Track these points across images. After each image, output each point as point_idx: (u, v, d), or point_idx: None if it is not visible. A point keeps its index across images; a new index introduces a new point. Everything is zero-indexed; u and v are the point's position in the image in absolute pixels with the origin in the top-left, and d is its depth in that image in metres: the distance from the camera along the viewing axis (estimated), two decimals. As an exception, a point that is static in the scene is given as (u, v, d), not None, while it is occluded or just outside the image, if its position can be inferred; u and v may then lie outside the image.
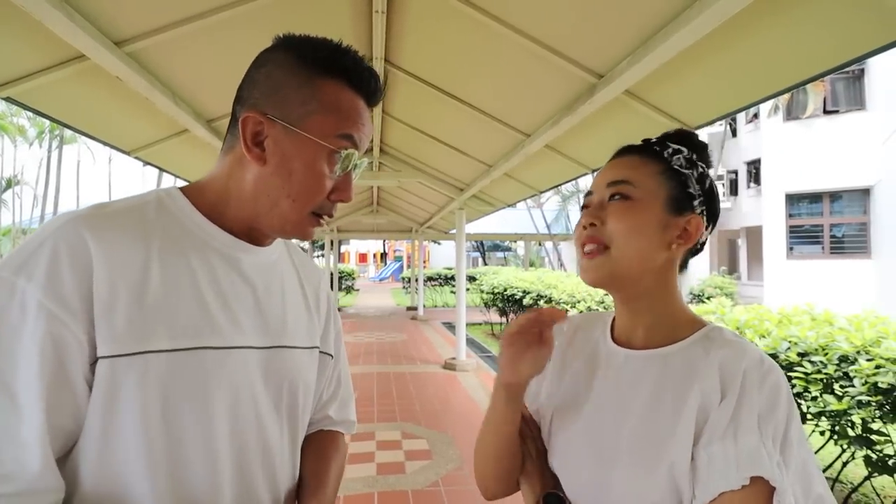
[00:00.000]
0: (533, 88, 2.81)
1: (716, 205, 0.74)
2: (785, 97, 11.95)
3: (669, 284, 0.72)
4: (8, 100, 2.19)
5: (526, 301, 8.02)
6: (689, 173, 0.71)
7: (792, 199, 12.59)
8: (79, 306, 0.57)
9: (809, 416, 2.51)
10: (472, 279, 13.73)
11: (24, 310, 0.55)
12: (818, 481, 0.59)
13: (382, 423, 4.33)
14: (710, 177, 0.74)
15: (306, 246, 22.17)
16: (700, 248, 0.75)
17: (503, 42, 2.36)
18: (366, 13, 2.53)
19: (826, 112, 11.96)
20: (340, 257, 30.35)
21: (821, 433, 2.52)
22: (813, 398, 2.43)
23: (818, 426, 2.52)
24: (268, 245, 0.75)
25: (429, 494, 3.03)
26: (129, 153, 3.27)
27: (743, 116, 15.94)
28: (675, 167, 0.71)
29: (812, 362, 2.42)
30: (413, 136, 4.69)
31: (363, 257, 40.87)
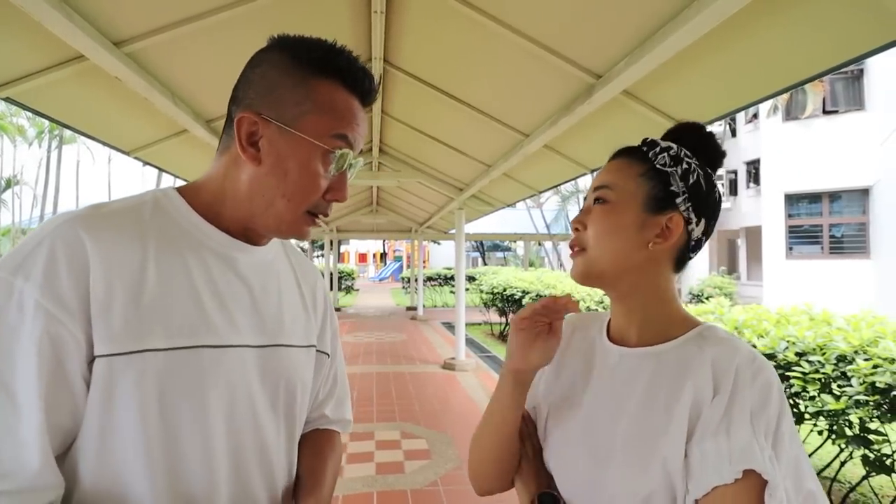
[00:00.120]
0: (531, 89, 2.82)
1: (705, 199, 0.71)
2: (784, 97, 11.96)
3: (660, 283, 0.72)
4: (7, 100, 2.20)
5: (525, 301, 8.03)
6: (673, 171, 0.70)
7: (791, 200, 12.61)
8: (76, 306, 0.57)
9: (807, 416, 2.51)
10: (472, 279, 13.73)
11: (22, 309, 0.55)
12: (810, 478, 0.59)
13: (382, 423, 4.33)
14: (700, 171, 0.72)
15: (306, 246, 22.18)
16: (697, 246, 0.74)
17: (502, 42, 2.36)
18: (365, 13, 2.53)
19: (825, 112, 11.97)
20: (340, 257, 30.36)
21: (819, 433, 2.53)
22: (811, 398, 2.44)
23: (816, 426, 2.52)
24: (264, 244, 0.75)
25: (428, 494, 3.04)
26: (129, 153, 3.27)
27: (742, 116, 15.94)
28: (658, 166, 0.71)
29: (810, 362, 2.43)
30: (412, 136, 4.69)
31: (363, 257, 40.87)
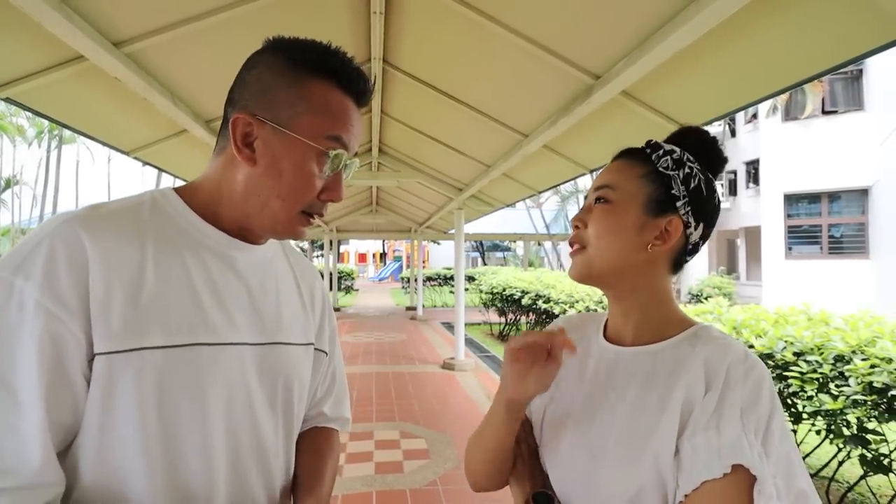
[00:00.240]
0: (530, 89, 2.83)
1: (705, 204, 0.72)
2: (784, 97, 11.97)
3: (658, 284, 0.73)
4: (7, 100, 2.20)
5: (525, 301, 8.03)
6: (674, 174, 0.71)
7: (790, 200, 12.62)
8: (76, 304, 0.58)
9: (805, 416, 2.52)
10: (472, 279, 13.74)
11: (22, 308, 0.56)
12: (801, 477, 0.60)
13: (381, 423, 4.34)
14: (701, 176, 0.73)
15: (305, 246, 22.22)
16: (695, 249, 0.75)
17: (501, 43, 2.37)
18: (364, 14, 2.54)
19: (824, 112, 11.98)
20: (340, 257, 30.38)
21: (817, 432, 2.54)
22: (809, 397, 2.44)
23: (814, 425, 2.53)
24: (262, 244, 0.76)
25: (427, 493, 3.05)
26: (129, 153, 3.28)
27: (742, 116, 15.95)
28: (661, 169, 0.72)
29: (808, 362, 2.44)
30: (412, 137, 4.70)
31: (362, 257, 40.88)
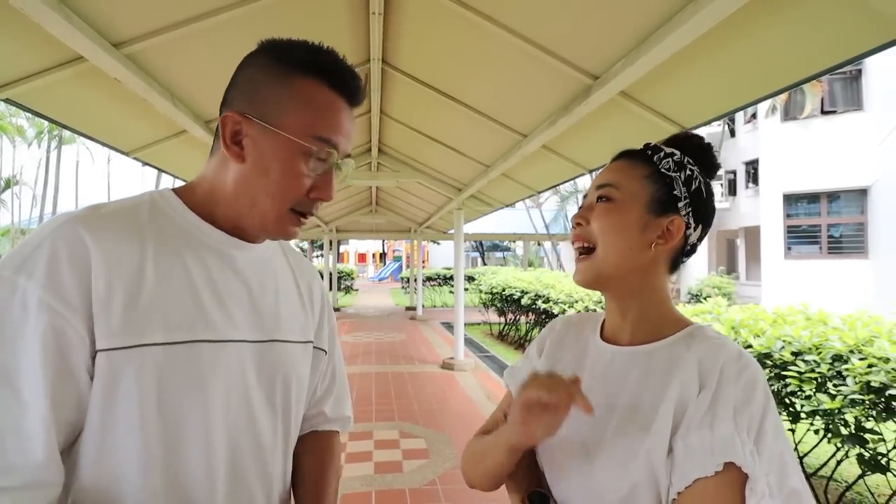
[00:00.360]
0: (529, 89, 2.83)
1: (705, 206, 0.75)
2: (783, 97, 11.98)
3: (656, 284, 0.74)
4: (7, 101, 2.20)
5: (524, 301, 8.04)
6: (676, 176, 0.73)
7: (790, 200, 12.63)
8: (78, 302, 0.58)
9: (803, 416, 2.53)
10: (471, 279, 13.75)
11: (26, 307, 0.56)
12: (794, 476, 0.60)
13: (380, 423, 4.34)
14: (701, 178, 0.75)
15: (305, 246, 22.22)
16: (692, 250, 0.77)
17: (499, 43, 2.37)
18: (363, 15, 2.54)
19: (823, 112, 12.00)
20: (339, 257, 30.38)
21: (815, 432, 2.54)
22: (806, 397, 2.45)
23: (812, 425, 2.54)
24: (260, 242, 0.76)
25: (426, 493, 3.05)
26: (128, 154, 3.28)
27: (741, 116, 15.97)
28: (663, 170, 0.73)
29: (806, 361, 2.44)
30: (411, 137, 4.70)
31: (362, 257, 40.89)
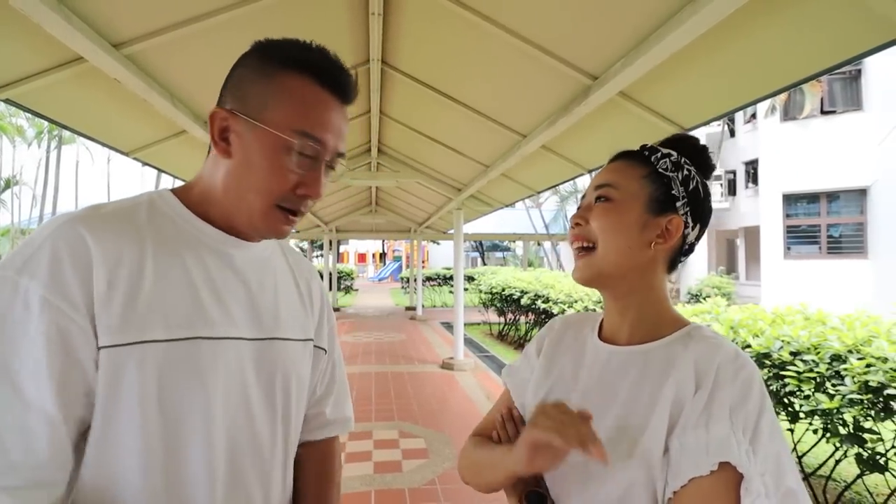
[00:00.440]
0: (528, 90, 2.84)
1: (702, 205, 0.75)
2: (782, 97, 11.99)
3: (655, 284, 0.75)
4: (7, 101, 2.21)
5: (524, 301, 8.04)
6: (674, 176, 0.74)
7: (789, 200, 12.64)
8: (81, 300, 0.59)
9: (802, 415, 2.53)
10: (471, 279, 13.76)
11: (28, 306, 0.57)
12: (791, 476, 0.60)
13: (380, 423, 4.35)
14: (698, 178, 0.76)
15: (305, 246, 22.21)
16: (690, 250, 0.77)
17: (499, 44, 2.38)
18: (362, 15, 2.55)
19: (823, 112, 12.00)
20: (339, 257, 30.37)
21: (814, 432, 2.55)
22: (805, 397, 2.45)
23: (811, 424, 2.54)
24: (257, 241, 0.76)
25: (425, 492, 3.06)
26: (128, 154, 3.28)
27: (741, 116, 15.97)
28: (660, 170, 0.74)
29: (804, 361, 2.45)
30: (411, 137, 4.71)
31: (362, 257, 40.90)
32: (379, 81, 3.41)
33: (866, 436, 2.31)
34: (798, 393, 2.48)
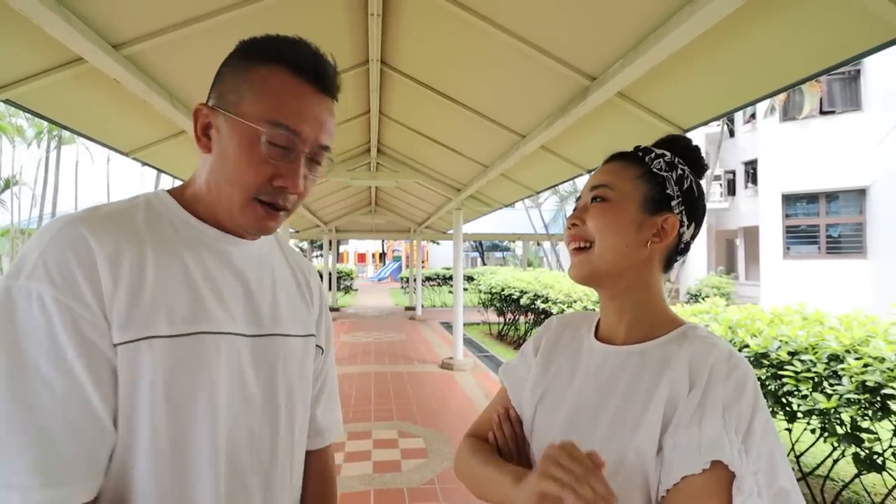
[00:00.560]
0: (527, 90, 2.84)
1: (696, 204, 0.76)
2: (781, 97, 12.00)
3: (651, 282, 0.76)
4: (7, 102, 2.21)
5: (523, 301, 8.05)
6: (668, 175, 0.75)
7: (788, 200, 12.65)
8: (92, 300, 0.59)
9: (800, 415, 2.54)
10: (471, 279, 13.76)
11: (45, 308, 0.57)
12: (784, 475, 0.60)
13: (379, 423, 4.35)
14: (692, 178, 0.77)
15: (305, 246, 22.21)
16: (685, 248, 0.78)
17: (498, 44, 2.38)
18: (361, 16, 2.55)
19: (822, 112, 12.01)
20: (339, 257, 30.37)
21: (811, 431, 2.55)
22: (803, 396, 2.46)
23: (809, 424, 2.55)
24: (252, 239, 0.76)
25: (424, 492, 3.06)
26: (128, 154, 3.29)
27: (740, 117, 15.97)
28: (655, 170, 0.75)
29: (802, 361, 2.46)
30: (410, 137, 4.71)
31: (362, 257, 40.91)
32: (378, 82, 3.41)
33: (864, 435, 2.31)
34: (796, 392, 2.49)
